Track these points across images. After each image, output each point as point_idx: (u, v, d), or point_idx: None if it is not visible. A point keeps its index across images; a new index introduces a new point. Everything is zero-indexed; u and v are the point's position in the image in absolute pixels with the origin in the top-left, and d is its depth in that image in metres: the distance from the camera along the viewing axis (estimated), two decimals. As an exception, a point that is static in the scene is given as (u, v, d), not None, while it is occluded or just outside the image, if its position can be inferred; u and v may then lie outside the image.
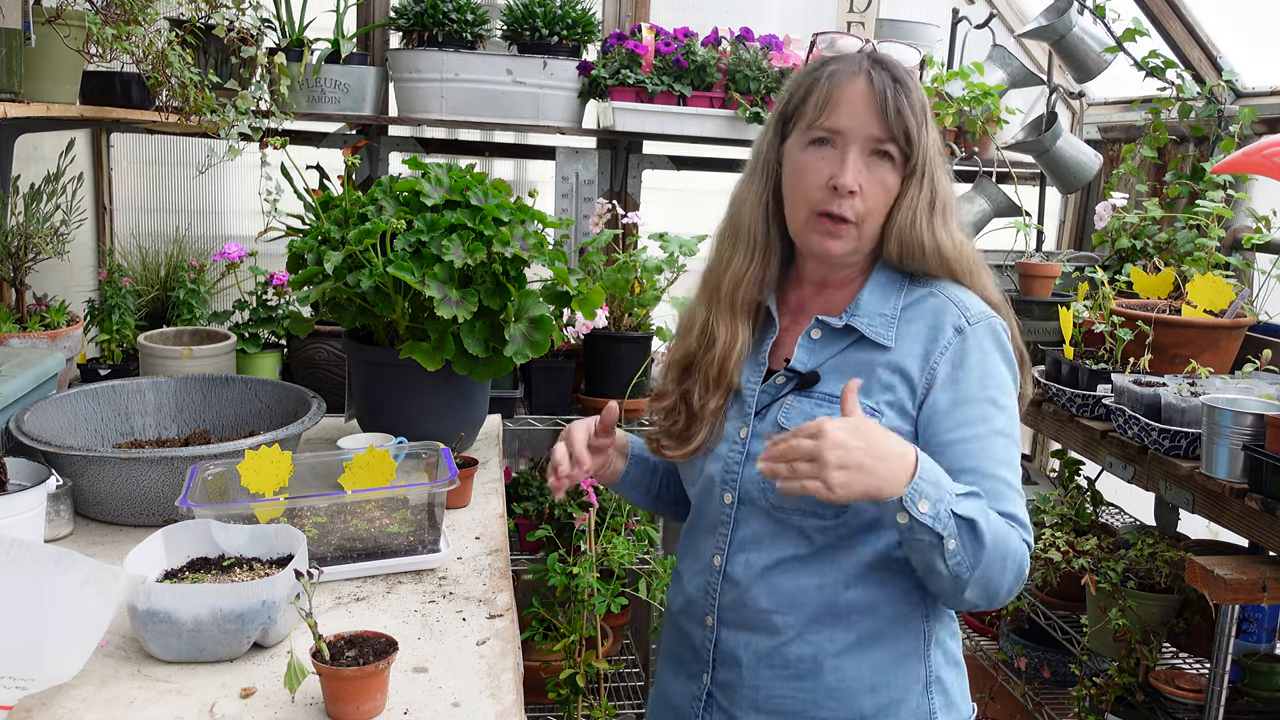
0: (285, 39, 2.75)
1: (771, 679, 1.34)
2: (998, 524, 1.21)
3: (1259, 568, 1.76)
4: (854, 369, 1.32)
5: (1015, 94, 2.89)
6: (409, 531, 1.61)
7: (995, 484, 1.25)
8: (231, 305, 2.56)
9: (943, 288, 1.34)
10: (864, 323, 1.33)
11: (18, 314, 2.16)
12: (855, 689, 1.32)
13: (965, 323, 1.30)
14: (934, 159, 1.33)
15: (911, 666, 1.34)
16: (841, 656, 1.32)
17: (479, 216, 1.86)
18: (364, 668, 1.18)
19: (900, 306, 1.34)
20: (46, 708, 1.19)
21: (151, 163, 3.02)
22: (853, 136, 1.29)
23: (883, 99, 1.28)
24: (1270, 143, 1.85)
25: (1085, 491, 2.55)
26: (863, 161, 1.29)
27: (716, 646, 1.38)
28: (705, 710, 1.41)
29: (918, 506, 1.15)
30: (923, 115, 1.31)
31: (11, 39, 1.79)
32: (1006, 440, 1.28)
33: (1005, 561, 1.21)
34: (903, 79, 1.30)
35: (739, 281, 1.39)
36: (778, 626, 1.33)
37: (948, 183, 1.36)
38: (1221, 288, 2.12)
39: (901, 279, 1.36)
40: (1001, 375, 1.31)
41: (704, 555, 1.40)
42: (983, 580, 1.20)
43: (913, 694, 1.34)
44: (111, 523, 1.70)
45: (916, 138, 1.30)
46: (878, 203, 1.31)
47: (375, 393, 2.00)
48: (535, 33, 2.82)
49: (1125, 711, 2.11)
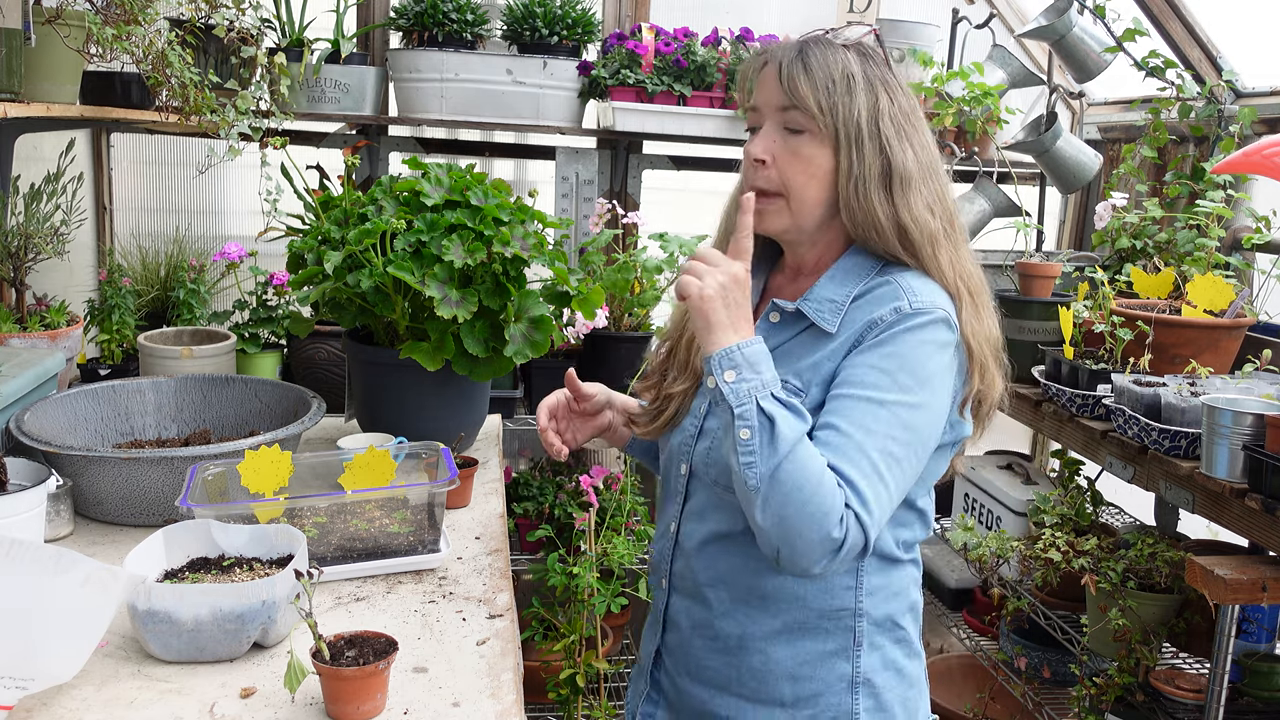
0: (285, 39, 2.75)
1: (703, 649, 1.39)
2: (811, 456, 1.17)
3: (1259, 568, 1.76)
4: (801, 352, 1.33)
5: (1015, 94, 2.89)
6: (409, 531, 1.61)
7: (847, 443, 1.20)
8: (231, 305, 2.56)
9: (901, 276, 1.30)
10: (812, 308, 1.33)
11: (18, 314, 2.16)
12: (777, 673, 1.35)
13: (906, 305, 1.27)
14: (883, 128, 1.30)
15: (836, 663, 1.35)
16: (767, 640, 1.35)
17: (479, 216, 1.86)
18: (364, 668, 1.18)
19: (853, 295, 1.32)
20: (46, 708, 1.19)
21: (151, 163, 3.02)
22: (765, 112, 1.34)
23: (778, 73, 1.31)
24: (1270, 143, 1.85)
25: (1085, 491, 2.55)
26: (776, 134, 1.32)
27: (667, 609, 1.45)
28: (655, 669, 1.48)
29: (723, 375, 1.18)
30: (841, 83, 1.29)
31: (11, 39, 1.79)
32: (886, 415, 1.22)
33: (807, 502, 1.15)
34: (808, 53, 1.31)
35: None
36: (710, 600, 1.38)
37: (914, 155, 1.32)
38: (1221, 288, 2.12)
39: (870, 267, 1.34)
40: (918, 362, 1.25)
41: (666, 521, 1.47)
42: (776, 506, 1.16)
43: (834, 691, 1.35)
44: (111, 523, 1.70)
45: (824, 104, 1.29)
46: (795, 171, 1.31)
47: (375, 393, 2.00)
48: (535, 33, 2.82)
49: (1125, 711, 2.11)
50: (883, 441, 1.21)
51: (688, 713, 1.42)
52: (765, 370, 1.21)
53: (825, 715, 1.34)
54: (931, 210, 1.32)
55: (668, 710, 1.46)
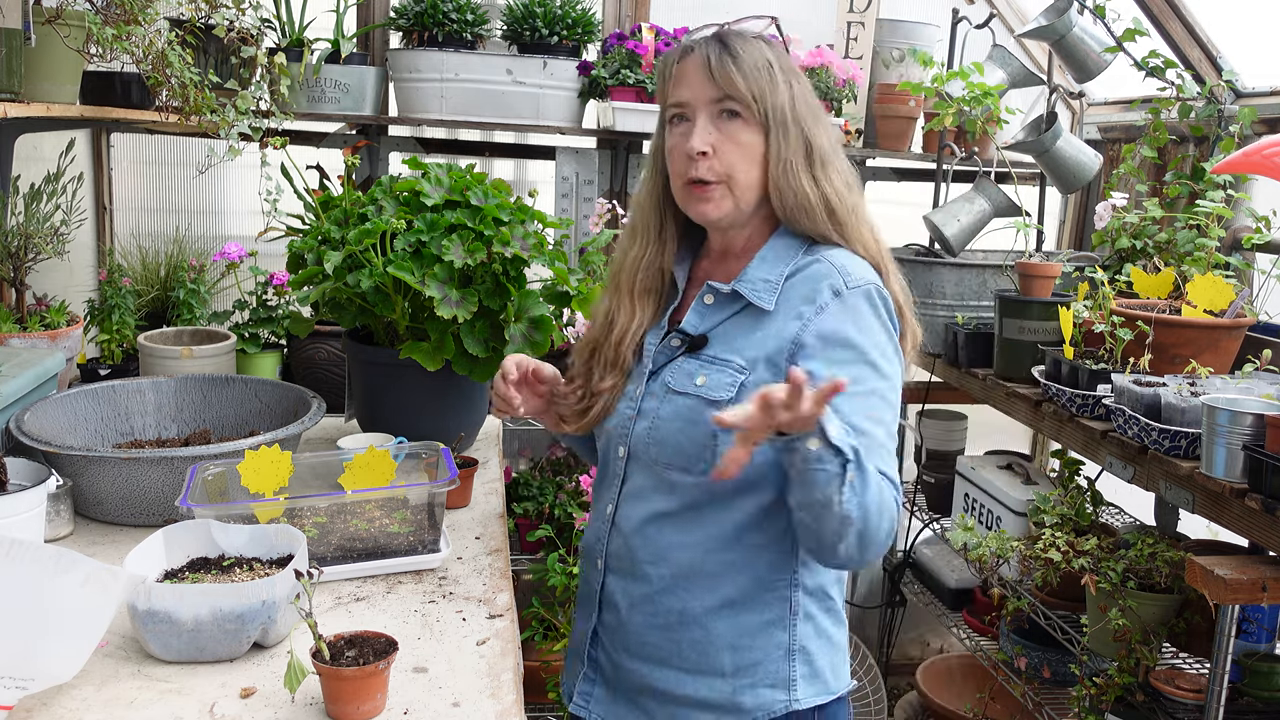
0: (285, 39, 2.75)
1: (643, 626, 1.43)
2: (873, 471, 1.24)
3: (1259, 568, 1.76)
4: (739, 333, 1.39)
5: (1015, 94, 2.89)
6: (409, 531, 1.61)
7: (869, 440, 1.27)
8: (231, 305, 2.56)
9: (829, 255, 1.39)
10: (748, 288, 1.39)
11: (18, 314, 2.16)
12: (718, 645, 1.39)
13: (844, 286, 1.35)
14: (801, 113, 1.38)
15: (774, 633, 1.40)
16: (708, 614, 1.39)
17: (479, 216, 1.86)
18: (364, 668, 1.18)
19: (786, 274, 1.39)
20: (46, 708, 1.19)
21: (151, 163, 3.02)
22: (697, 104, 1.38)
23: (707, 64, 1.36)
24: (1270, 143, 1.85)
25: (1085, 491, 2.55)
26: (713, 124, 1.37)
27: (603, 590, 1.48)
28: (592, 648, 1.51)
29: (829, 429, 1.17)
30: (764, 71, 1.36)
31: (11, 39, 1.79)
32: (880, 401, 1.31)
33: (882, 510, 1.23)
34: (731, 44, 1.38)
35: (636, 268, 1.49)
36: (650, 577, 1.42)
37: (825, 136, 1.41)
38: (1221, 288, 2.12)
39: (797, 247, 1.41)
40: (877, 337, 1.34)
41: (602, 504, 1.50)
42: (862, 525, 1.21)
43: (773, 659, 1.40)
44: (111, 523, 1.70)
45: (754, 92, 1.36)
46: (736, 158, 1.37)
47: (375, 393, 2.00)
48: (535, 33, 2.82)
49: (1125, 711, 2.11)
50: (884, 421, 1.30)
51: (626, 688, 1.47)
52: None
53: (764, 683, 1.40)
54: (848, 186, 1.42)
55: (605, 687, 1.50)
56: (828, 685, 1.44)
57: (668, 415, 1.39)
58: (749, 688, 1.40)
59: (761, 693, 1.40)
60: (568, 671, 1.58)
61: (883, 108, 3.06)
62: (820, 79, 2.84)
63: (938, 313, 2.77)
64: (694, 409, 1.36)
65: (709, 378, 1.37)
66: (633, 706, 1.46)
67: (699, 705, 1.41)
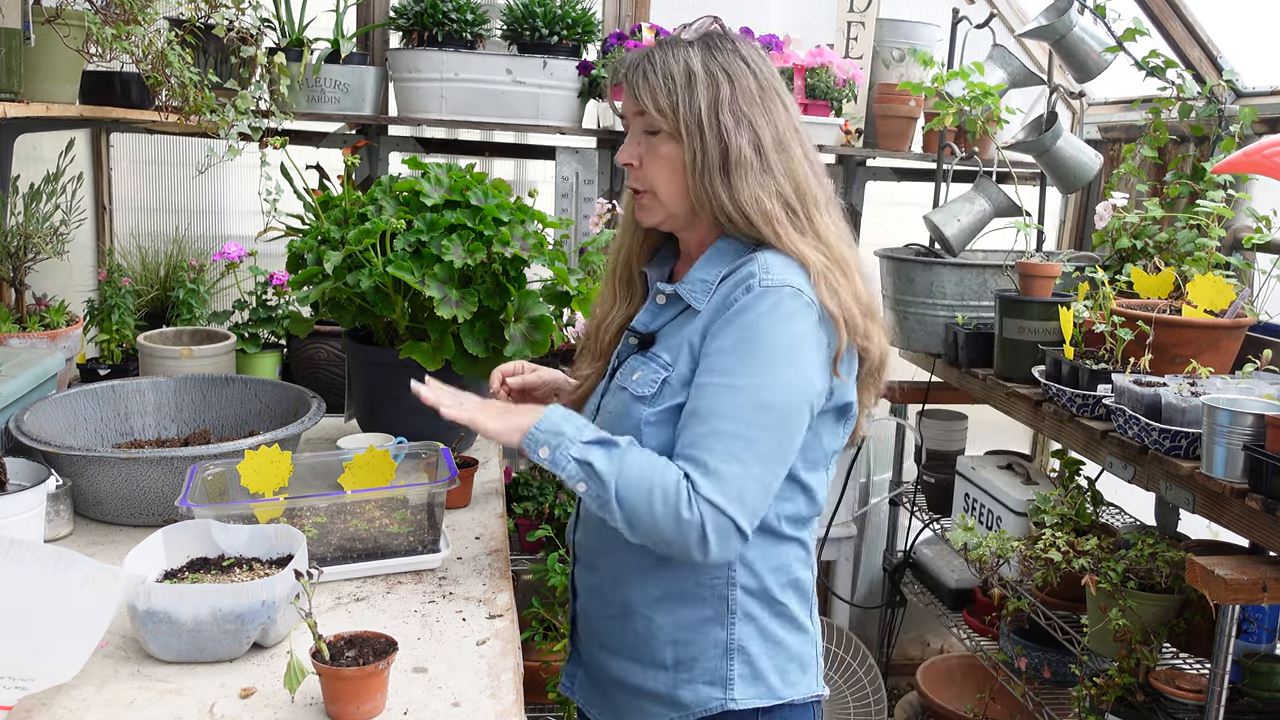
0: (285, 39, 2.75)
1: (597, 615, 1.50)
2: (645, 470, 1.29)
3: (1259, 568, 1.76)
4: (679, 333, 1.41)
5: (1015, 94, 2.89)
6: (409, 531, 1.61)
7: (702, 431, 1.30)
8: (231, 305, 2.56)
9: (764, 255, 1.37)
10: (686, 289, 1.42)
11: (17, 314, 2.16)
12: (660, 638, 1.43)
13: (756, 283, 1.34)
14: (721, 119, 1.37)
15: (712, 630, 1.42)
16: (649, 606, 1.43)
17: (479, 216, 1.86)
18: (364, 668, 1.18)
19: (722, 274, 1.40)
20: (46, 708, 1.19)
21: (151, 163, 3.02)
22: (627, 117, 1.44)
23: (627, 82, 1.42)
24: (1270, 143, 1.85)
25: (1085, 491, 2.54)
26: (640, 138, 1.42)
27: (573, 579, 1.57)
28: (573, 634, 1.60)
29: (539, 454, 1.34)
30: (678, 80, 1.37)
31: (11, 39, 1.78)
32: (743, 398, 1.30)
33: (652, 506, 1.27)
34: (651, 56, 1.39)
35: (616, 257, 1.56)
36: (600, 568, 1.49)
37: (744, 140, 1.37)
38: (1222, 288, 2.12)
39: (742, 249, 1.41)
40: (766, 339, 1.31)
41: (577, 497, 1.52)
42: (633, 520, 1.29)
43: (709, 656, 1.42)
44: (111, 523, 1.70)
45: (663, 105, 1.37)
46: (658, 170, 1.41)
47: (375, 393, 2.00)
48: (535, 33, 2.81)
49: (1125, 711, 2.11)
50: (737, 424, 1.29)
51: (595, 674, 1.54)
52: (565, 428, 1.34)
53: (701, 679, 1.42)
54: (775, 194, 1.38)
55: (584, 671, 1.57)
56: (772, 689, 1.43)
57: (608, 409, 1.46)
58: (687, 682, 1.42)
59: (699, 689, 1.42)
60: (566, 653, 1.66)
61: (883, 108, 3.06)
62: (820, 79, 2.84)
63: (938, 313, 2.77)
64: (624, 404, 1.41)
65: (640, 374, 1.41)
66: (602, 692, 1.53)
67: (647, 696, 1.45)
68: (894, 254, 2.86)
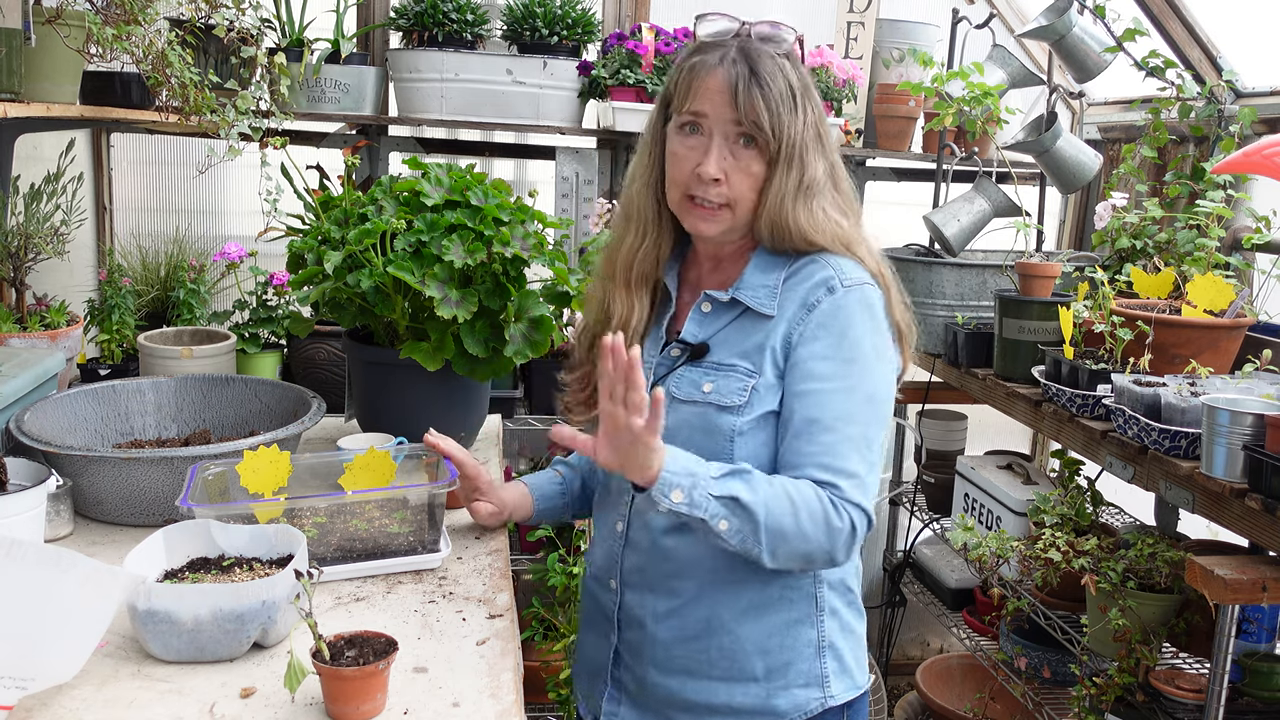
0: (285, 39, 2.75)
1: (670, 639, 1.42)
2: (783, 491, 1.26)
3: (1259, 568, 1.76)
4: (740, 339, 1.39)
5: (1015, 94, 2.89)
6: (409, 532, 1.61)
7: (833, 437, 1.29)
8: (231, 305, 2.56)
9: (826, 256, 1.38)
10: (748, 295, 1.39)
11: (18, 314, 2.16)
12: (748, 650, 1.39)
13: (839, 284, 1.35)
14: (807, 142, 1.35)
15: (803, 631, 1.40)
16: (735, 619, 1.39)
17: (479, 216, 1.86)
18: (364, 668, 1.18)
19: (784, 277, 1.39)
20: (46, 708, 1.19)
21: (151, 163, 3.02)
22: (715, 124, 1.34)
23: (734, 91, 1.32)
24: (1270, 143, 1.85)
25: (1085, 491, 2.54)
26: (727, 149, 1.34)
27: (621, 609, 1.47)
28: (614, 667, 1.50)
29: (670, 498, 1.23)
30: (786, 102, 1.34)
31: (11, 39, 1.78)
32: (859, 398, 1.31)
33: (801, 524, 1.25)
34: (760, 70, 1.33)
35: (632, 258, 1.47)
36: (675, 589, 1.41)
37: (820, 162, 1.37)
38: (1221, 288, 2.12)
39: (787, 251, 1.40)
40: (862, 337, 1.34)
41: (609, 522, 1.49)
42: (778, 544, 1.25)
43: (804, 658, 1.40)
44: (111, 523, 1.70)
45: (775, 126, 1.33)
46: (744, 188, 1.36)
47: (375, 393, 2.00)
48: (535, 33, 2.82)
49: (1125, 711, 2.11)
50: (856, 418, 1.31)
51: (654, 703, 1.46)
52: (695, 467, 1.25)
53: (796, 682, 1.40)
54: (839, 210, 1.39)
55: (632, 706, 1.48)
56: (854, 679, 1.45)
57: (676, 425, 1.38)
58: (783, 689, 1.39)
59: (795, 693, 1.39)
60: (587, 692, 1.57)
61: (883, 108, 3.06)
62: (820, 79, 2.84)
63: (938, 313, 2.77)
64: (704, 416, 1.36)
65: (715, 384, 1.37)
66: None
67: (733, 713, 1.40)
68: (894, 254, 2.86)
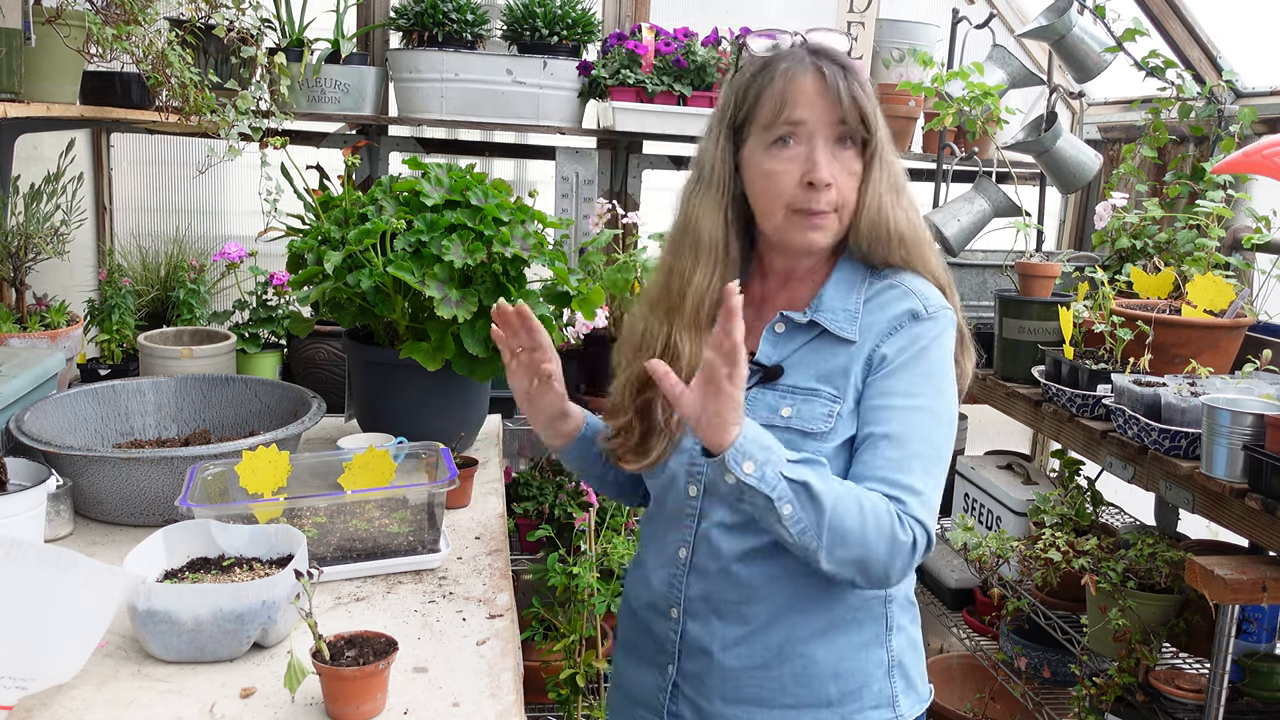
0: (285, 39, 2.75)
1: (739, 668, 1.36)
2: (852, 492, 1.22)
3: (1259, 568, 1.76)
4: (817, 361, 1.35)
5: (1015, 94, 2.89)
6: (409, 531, 1.61)
7: (904, 453, 1.27)
8: (231, 305, 2.56)
9: (903, 279, 1.36)
10: (828, 318, 1.35)
11: (18, 314, 2.16)
12: (821, 675, 1.34)
13: (923, 310, 1.33)
14: (887, 139, 1.35)
15: (874, 652, 1.37)
16: (807, 644, 1.34)
17: (479, 216, 1.86)
18: (364, 668, 1.18)
19: (863, 300, 1.35)
20: (46, 708, 1.19)
21: (151, 163, 3.02)
22: (816, 129, 1.30)
23: (836, 88, 1.29)
24: (1270, 143, 1.85)
25: (1085, 491, 2.55)
26: (830, 152, 1.30)
27: (683, 638, 1.39)
28: (672, 701, 1.41)
29: (742, 467, 1.16)
30: (873, 98, 1.33)
31: (11, 39, 1.78)
32: (931, 418, 1.29)
33: (865, 529, 1.20)
34: (848, 64, 1.32)
35: (703, 297, 1.36)
36: (745, 615, 1.35)
37: (897, 159, 1.36)
38: (1221, 288, 2.12)
39: (864, 271, 1.38)
40: (943, 362, 1.33)
41: (668, 548, 1.41)
42: (837, 545, 1.20)
43: (875, 678, 1.37)
44: (111, 523, 1.70)
45: (872, 120, 1.31)
46: (849, 190, 1.32)
47: (375, 393, 2.00)
48: (535, 33, 2.82)
49: (1125, 711, 2.11)
50: (928, 438, 1.28)
51: None
52: (771, 443, 1.20)
53: (869, 704, 1.36)
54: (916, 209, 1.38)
55: None
56: (919, 694, 1.42)
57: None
58: (857, 712, 1.36)
59: (868, 714, 1.36)
60: None
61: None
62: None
63: (938, 313, 2.77)
64: (787, 442, 1.27)
65: (795, 409, 1.32)
66: None
67: None
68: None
